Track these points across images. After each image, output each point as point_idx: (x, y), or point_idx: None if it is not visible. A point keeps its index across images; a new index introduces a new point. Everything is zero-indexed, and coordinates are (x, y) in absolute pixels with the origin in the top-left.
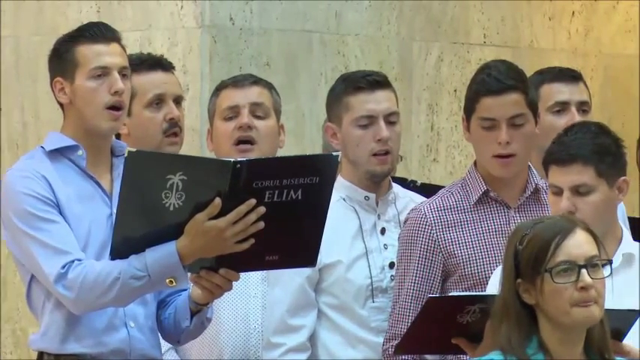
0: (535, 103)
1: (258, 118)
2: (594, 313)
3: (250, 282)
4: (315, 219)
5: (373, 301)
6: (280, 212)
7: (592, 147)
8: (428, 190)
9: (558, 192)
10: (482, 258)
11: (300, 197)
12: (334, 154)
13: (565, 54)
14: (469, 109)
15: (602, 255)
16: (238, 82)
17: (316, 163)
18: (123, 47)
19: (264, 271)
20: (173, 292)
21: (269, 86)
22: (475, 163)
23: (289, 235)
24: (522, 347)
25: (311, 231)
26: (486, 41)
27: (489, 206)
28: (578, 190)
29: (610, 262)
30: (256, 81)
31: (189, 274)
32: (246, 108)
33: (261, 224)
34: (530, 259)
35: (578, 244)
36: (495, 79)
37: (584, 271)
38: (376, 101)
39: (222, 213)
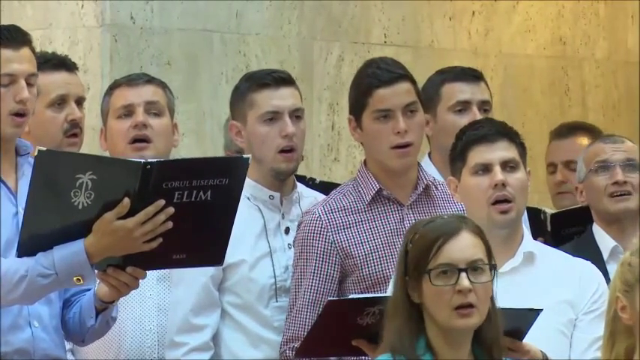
0: (421, 94)
1: (153, 116)
2: (472, 321)
3: (145, 283)
4: (223, 219)
5: (276, 301)
6: (189, 212)
7: (510, 128)
8: (327, 187)
9: (484, 171)
10: (380, 257)
11: (209, 198)
12: (245, 156)
13: (465, 54)
14: (360, 106)
15: (490, 259)
16: (132, 80)
17: (226, 165)
18: (33, 50)
19: (161, 272)
20: (78, 292)
21: (162, 85)
22: (365, 162)
23: (197, 235)
24: (412, 347)
25: (219, 231)
26: (387, 41)
27: (383, 205)
28: (507, 165)
29: (494, 266)
30: (150, 80)
31: (96, 271)
32: (141, 106)
33: (170, 224)
34: (414, 259)
35: (461, 248)
36: (386, 70)
37: (463, 274)
38: (281, 97)
39: (131, 212)
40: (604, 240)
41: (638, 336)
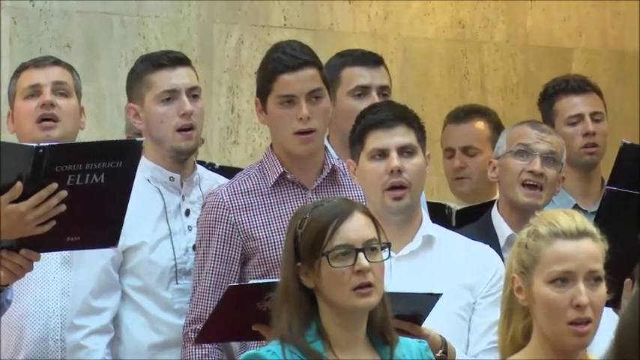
0: (327, 80)
1: (61, 96)
2: (372, 300)
3: (49, 266)
4: (117, 201)
5: (177, 283)
6: (82, 195)
7: (410, 113)
8: (227, 172)
9: (381, 156)
10: (281, 241)
11: (102, 181)
12: (138, 139)
13: (365, 37)
14: (265, 90)
15: (382, 238)
16: (39, 62)
17: (120, 148)
18: None
19: (64, 255)
20: None
21: (69, 67)
22: (271, 145)
23: (91, 217)
24: (302, 334)
25: (113, 213)
26: (287, 24)
27: (287, 188)
28: (404, 151)
29: (388, 245)
30: (57, 61)
31: None
32: (48, 87)
33: (63, 207)
34: (308, 243)
35: (356, 228)
36: (291, 55)
37: (361, 254)
38: (178, 76)
39: (24, 196)
40: (501, 227)
41: (535, 318)
